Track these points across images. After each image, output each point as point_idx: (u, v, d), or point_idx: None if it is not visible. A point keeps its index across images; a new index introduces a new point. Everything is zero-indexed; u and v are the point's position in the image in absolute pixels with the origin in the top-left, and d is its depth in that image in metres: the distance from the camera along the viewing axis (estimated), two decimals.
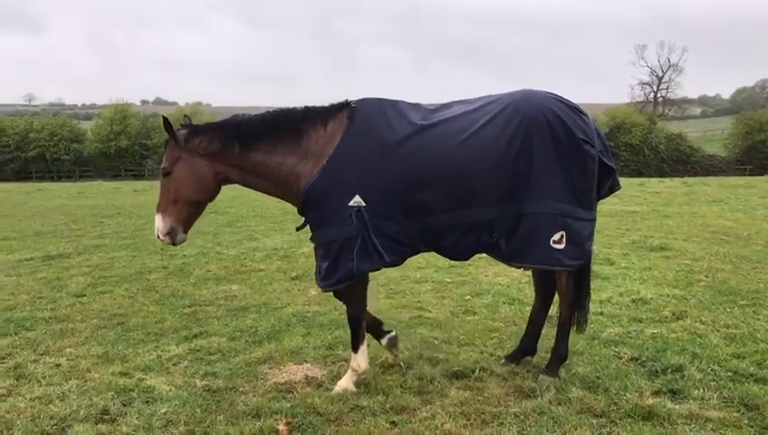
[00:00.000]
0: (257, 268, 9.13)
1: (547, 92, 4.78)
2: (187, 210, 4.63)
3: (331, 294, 5.01)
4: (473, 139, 4.48)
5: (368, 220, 4.41)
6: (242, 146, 4.61)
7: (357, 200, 4.41)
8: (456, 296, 7.34)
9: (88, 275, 8.77)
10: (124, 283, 8.26)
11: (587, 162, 4.56)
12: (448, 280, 8.09)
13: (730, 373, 4.84)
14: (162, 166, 4.63)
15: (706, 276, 8.06)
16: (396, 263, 4.74)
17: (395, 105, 4.72)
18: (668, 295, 7.11)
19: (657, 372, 4.88)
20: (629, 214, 15.14)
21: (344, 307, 6.29)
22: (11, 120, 64.86)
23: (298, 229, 4.87)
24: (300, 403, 4.46)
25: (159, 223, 4.59)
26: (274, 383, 4.85)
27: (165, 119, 4.57)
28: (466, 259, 4.93)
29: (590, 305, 5.40)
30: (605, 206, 15.90)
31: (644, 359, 5.14)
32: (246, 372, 5.08)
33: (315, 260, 4.74)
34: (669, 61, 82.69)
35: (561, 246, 4.53)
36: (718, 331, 5.90)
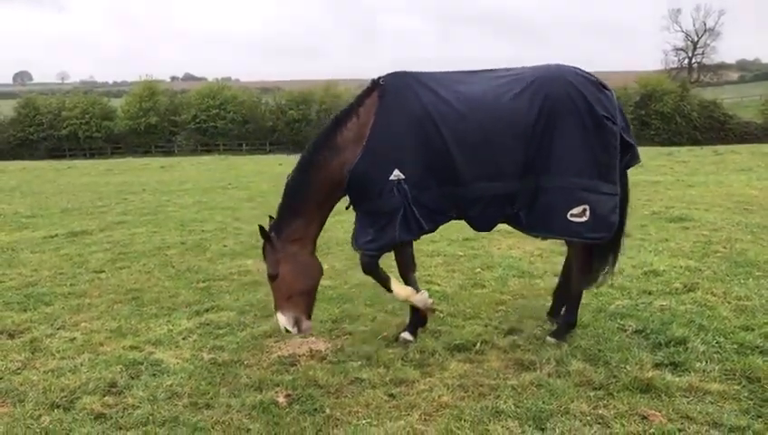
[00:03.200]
0: None
1: (573, 68, 4.93)
2: (304, 300, 4.82)
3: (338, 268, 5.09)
4: (501, 114, 4.69)
5: (408, 192, 4.63)
6: (309, 199, 4.81)
7: (396, 174, 4.63)
8: (467, 269, 7.35)
9: (108, 251, 8.97)
10: (142, 258, 8.44)
11: (608, 138, 4.70)
12: (460, 253, 8.10)
13: (735, 346, 4.79)
14: (267, 273, 4.82)
15: (724, 247, 7.93)
16: (432, 230, 4.98)
17: (421, 78, 4.90)
18: (682, 267, 7.02)
19: (660, 344, 4.86)
20: (652, 184, 14.87)
21: (357, 281, 6.40)
22: (44, 99, 65.88)
23: (347, 208, 5.08)
24: (302, 376, 4.56)
25: (283, 320, 4.76)
26: (279, 357, 4.95)
27: (261, 227, 4.77)
28: (489, 230, 5.19)
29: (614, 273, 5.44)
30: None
31: (648, 331, 5.10)
32: (252, 346, 5.19)
33: (356, 225, 4.97)
34: (705, 25, 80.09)
35: (584, 219, 4.70)
36: (729, 303, 5.82)
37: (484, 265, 7.50)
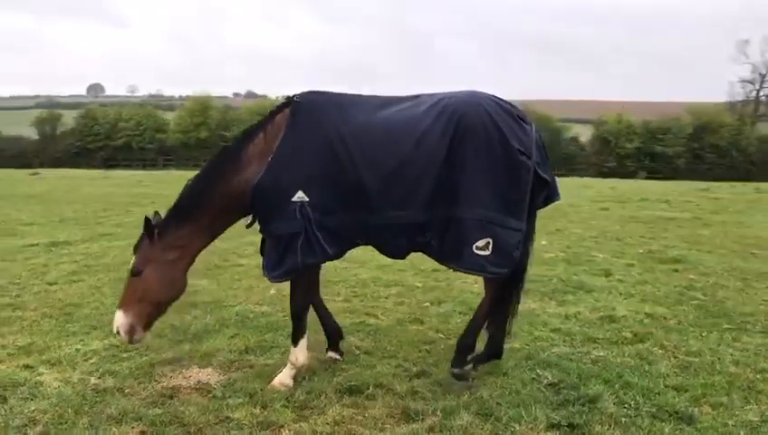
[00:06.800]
0: (238, 263, 9.03)
1: (491, 97, 4.68)
2: (151, 310, 4.62)
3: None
4: (413, 143, 4.45)
5: (311, 215, 4.39)
6: (202, 207, 4.62)
7: (300, 196, 4.40)
8: (416, 303, 6.96)
9: (76, 262, 8.93)
10: (102, 272, 8.35)
11: (520, 173, 4.45)
12: (419, 285, 7.70)
13: (654, 409, 4.29)
14: (132, 265, 4.61)
15: (704, 294, 7.29)
16: (337, 255, 4.72)
17: (338, 100, 4.71)
18: (645, 314, 6.45)
19: (569, 401, 4.38)
20: (665, 220, 14.06)
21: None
22: (102, 111, 68.42)
23: (248, 227, 4.84)
24: (171, 411, 4.28)
25: (121, 320, 4.51)
26: (162, 387, 4.68)
27: (147, 219, 4.60)
28: (402, 257, 4.90)
29: (517, 314, 5.13)
30: (642, 212, 14.95)
31: (563, 385, 4.63)
32: (145, 373, 4.94)
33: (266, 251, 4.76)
34: None
35: (487, 253, 4.44)
36: (676, 357, 5.28)
37: (437, 299, 7.10)
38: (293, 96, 4.69)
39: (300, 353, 4.75)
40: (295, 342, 4.78)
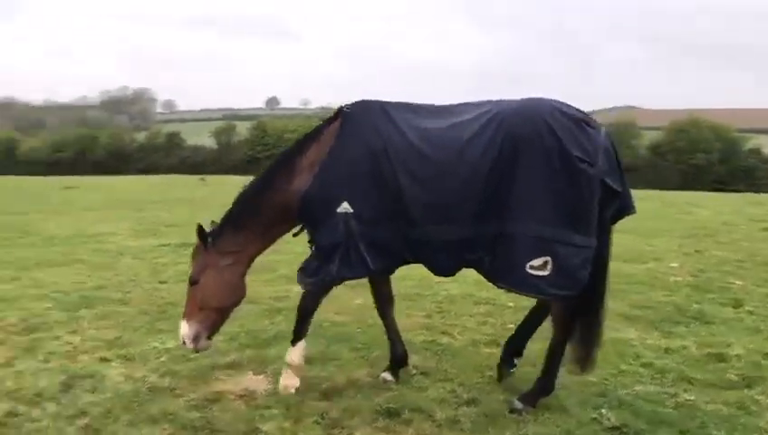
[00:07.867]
0: None
1: (552, 102, 4.32)
2: (215, 317, 4.67)
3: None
4: (456, 154, 4.25)
5: (354, 227, 4.34)
6: (254, 215, 4.68)
7: (345, 207, 4.37)
8: (501, 323, 6.49)
9: None
10: None
11: (581, 182, 4.04)
12: (511, 304, 7.17)
13: None
14: (190, 275, 4.73)
15: None
16: (382, 271, 4.69)
17: (387, 109, 4.60)
18: (765, 354, 5.50)
19: None
20: None
21: (373, 321, 5.95)
22: (271, 122, 73.54)
23: (295, 235, 4.89)
24: (207, 416, 4.33)
25: (185, 330, 4.60)
26: (210, 392, 4.74)
27: (200, 226, 4.73)
28: (451, 274, 4.67)
29: (600, 342, 4.56)
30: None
31: (626, 430, 4.05)
32: (201, 376, 5.04)
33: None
34: None
35: (545, 273, 4.09)
36: None
37: None
38: (344, 106, 4.65)
39: (295, 354, 4.71)
40: (294, 341, 4.74)
